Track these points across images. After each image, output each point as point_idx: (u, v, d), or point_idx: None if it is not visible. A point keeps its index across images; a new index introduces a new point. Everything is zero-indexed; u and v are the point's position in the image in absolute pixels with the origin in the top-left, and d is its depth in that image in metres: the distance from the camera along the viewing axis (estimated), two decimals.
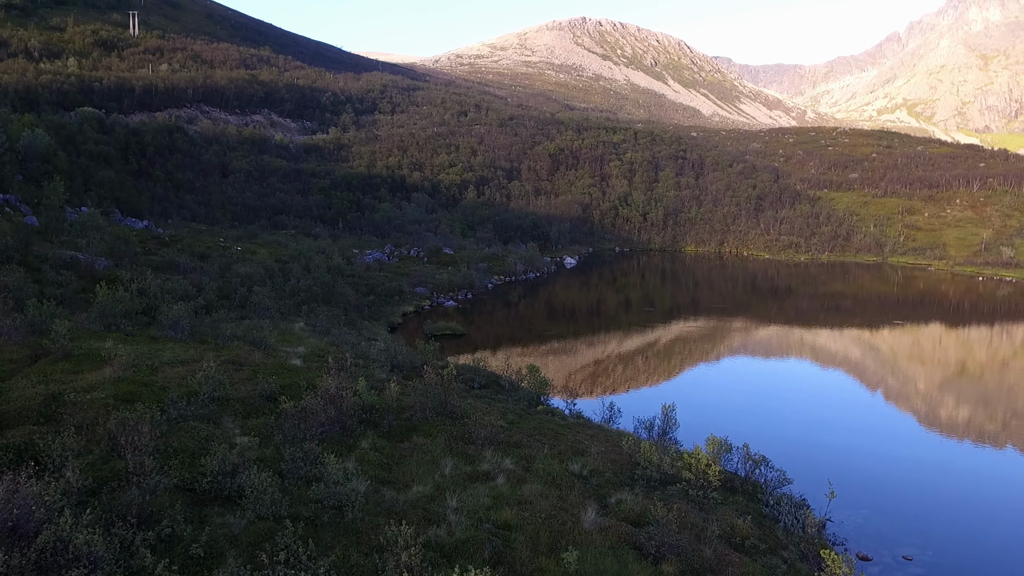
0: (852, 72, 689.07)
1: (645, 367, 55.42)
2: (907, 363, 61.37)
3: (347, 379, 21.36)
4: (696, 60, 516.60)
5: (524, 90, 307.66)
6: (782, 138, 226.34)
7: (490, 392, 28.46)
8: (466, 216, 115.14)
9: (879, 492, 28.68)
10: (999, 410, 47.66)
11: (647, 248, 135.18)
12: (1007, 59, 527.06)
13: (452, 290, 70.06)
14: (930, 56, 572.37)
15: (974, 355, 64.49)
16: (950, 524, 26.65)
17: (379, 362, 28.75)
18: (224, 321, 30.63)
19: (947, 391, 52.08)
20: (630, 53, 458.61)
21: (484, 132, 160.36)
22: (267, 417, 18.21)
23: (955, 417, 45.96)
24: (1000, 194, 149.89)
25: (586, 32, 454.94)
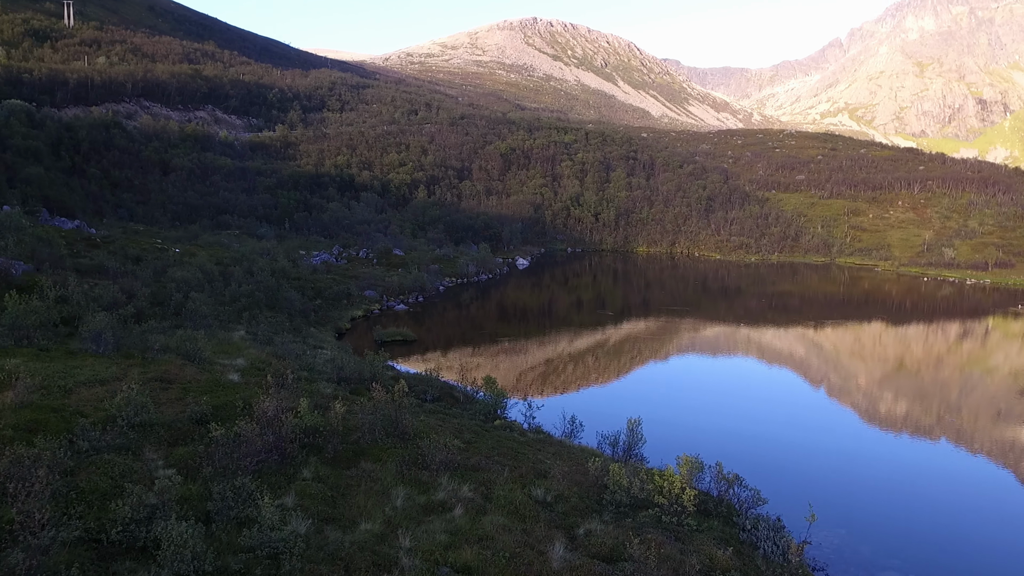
0: (796, 76, 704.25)
1: (595, 366, 55.29)
2: (849, 360, 62.62)
3: (289, 397, 19.44)
4: (646, 62, 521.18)
5: (475, 89, 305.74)
6: (730, 140, 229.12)
7: (444, 406, 26.65)
8: (416, 216, 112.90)
9: (846, 497, 28.72)
10: (934, 404, 49.04)
11: (599, 249, 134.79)
12: (940, 67, 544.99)
13: (402, 293, 67.69)
14: (870, 62, 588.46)
15: (912, 351, 66.03)
16: (923, 533, 26.77)
17: (325, 374, 26.73)
18: (155, 331, 28.12)
19: (886, 386, 53.31)
20: (580, 54, 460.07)
21: (435, 131, 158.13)
22: (196, 445, 16.16)
23: (894, 411, 46.95)
24: (939, 196, 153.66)
25: (537, 32, 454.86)
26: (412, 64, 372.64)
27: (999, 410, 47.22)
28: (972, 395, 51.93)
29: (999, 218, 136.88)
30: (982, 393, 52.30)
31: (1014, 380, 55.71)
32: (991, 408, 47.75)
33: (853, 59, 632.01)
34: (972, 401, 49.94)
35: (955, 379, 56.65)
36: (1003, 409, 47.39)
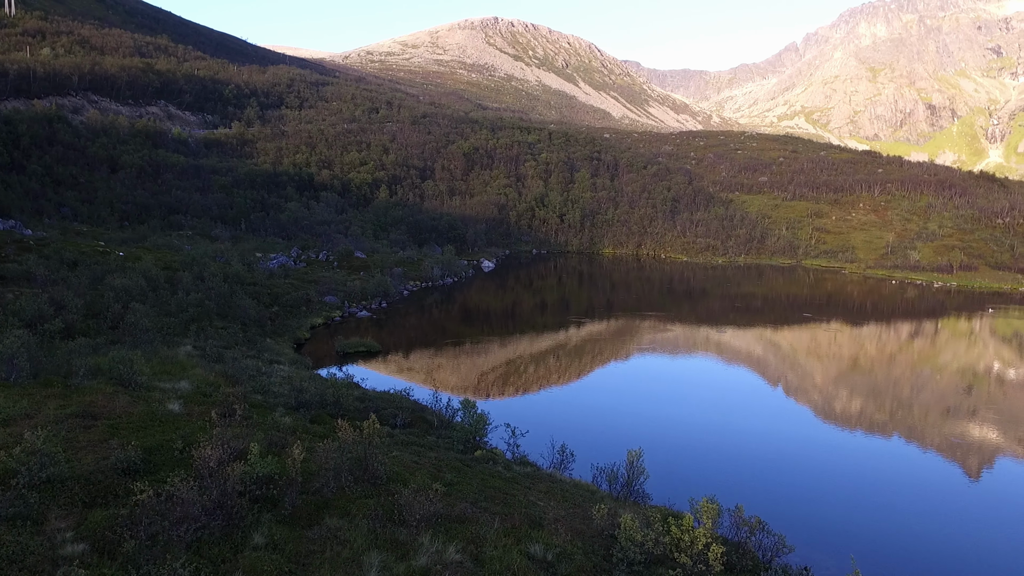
0: (754, 79, 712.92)
1: (556, 366, 54.76)
2: (806, 359, 63.16)
3: (238, 435, 16.36)
4: (606, 63, 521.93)
5: (436, 89, 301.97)
6: (692, 141, 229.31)
7: (417, 433, 23.62)
8: (378, 217, 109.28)
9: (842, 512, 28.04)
10: (887, 401, 49.90)
11: (564, 250, 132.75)
12: (892, 72, 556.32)
13: (365, 298, 64.13)
14: (825, 67, 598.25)
15: (866, 350, 66.91)
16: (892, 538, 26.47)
17: (282, 398, 23.49)
18: (84, 351, 24.59)
19: (841, 384, 53.98)
20: (542, 54, 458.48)
21: (396, 130, 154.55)
22: (119, 507, 13.04)
23: (848, 409, 47.63)
24: (899, 199, 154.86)
25: (498, 32, 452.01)
26: (372, 62, 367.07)
27: (948, 407, 48.31)
28: (923, 392, 52.83)
29: (957, 221, 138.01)
30: (932, 390, 53.39)
31: (961, 377, 57.33)
32: (941, 405, 48.86)
33: (809, 63, 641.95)
34: (923, 398, 50.87)
35: (907, 377, 57.59)
36: (952, 406, 48.50)
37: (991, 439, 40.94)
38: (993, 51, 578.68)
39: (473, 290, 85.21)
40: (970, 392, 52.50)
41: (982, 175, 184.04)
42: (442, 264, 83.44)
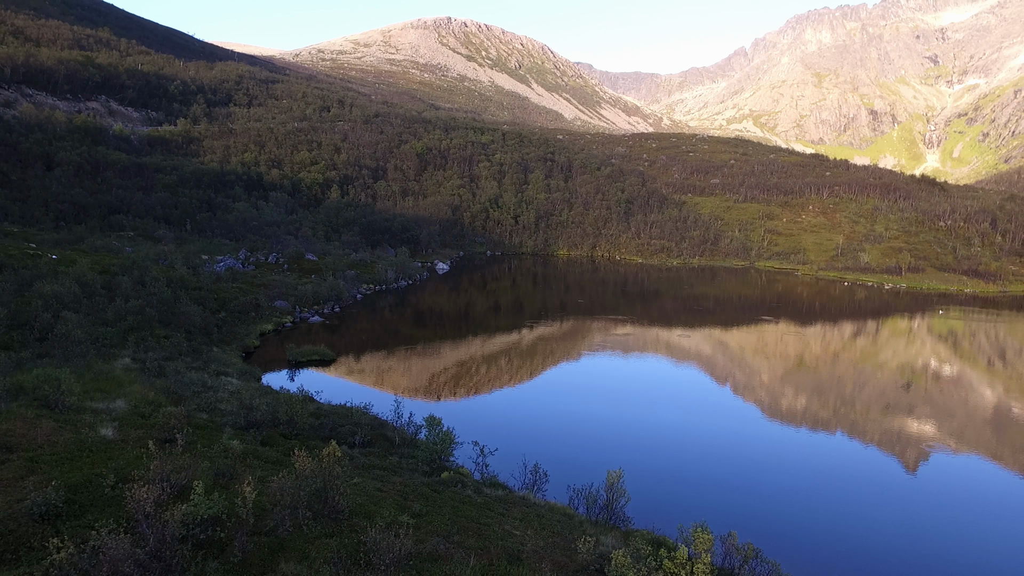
0: (704, 83, 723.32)
1: (508, 367, 54.63)
2: (753, 357, 64.30)
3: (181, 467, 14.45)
4: (559, 65, 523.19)
5: (389, 88, 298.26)
6: (645, 143, 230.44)
7: (378, 453, 21.81)
8: (330, 217, 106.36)
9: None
10: (831, 398, 51.29)
11: (519, 252, 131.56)
12: (837, 78, 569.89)
13: (317, 303, 61.72)
14: (773, 71, 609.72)
15: (811, 349, 68.38)
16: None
17: (230, 417, 21.44)
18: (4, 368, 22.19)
19: (787, 382, 55.19)
20: (495, 55, 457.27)
21: (348, 129, 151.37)
22: (31, 566, 11.03)
23: (794, 406, 48.67)
24: (846, 202, 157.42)
25: (451, 32, 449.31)
26: (324, 61, 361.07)
27: (888, 403, 50.19)
28: (865, 389, 54.57)
29: (903, 223, 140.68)
30: (874, 387, 55.22)
31: (900, 374, 59.36)
32: (881, 401, 50.72)
33: (757, 68, 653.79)
34: (865, 395, 52.64)
35: (850, 374, 59.24)
36: (891, 402, 50.40)
37: (927, 433, 42.57)
38: (931, 60, 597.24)
39: (428, 293, 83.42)
40: (908, 388, 54.33)
41: (923, 179, 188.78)
42: (396, 266, 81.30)
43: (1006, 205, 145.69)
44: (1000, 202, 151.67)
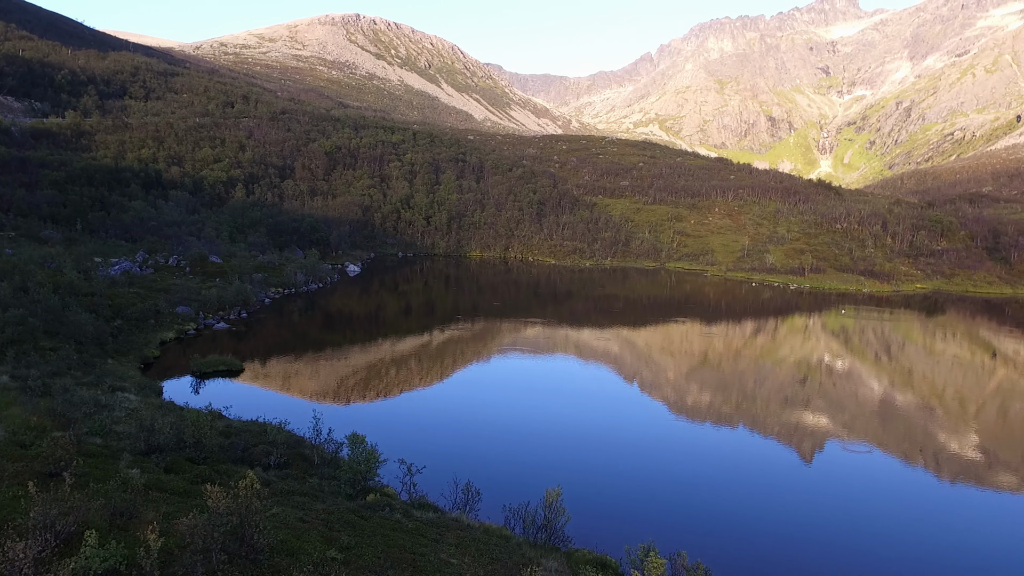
0: (611, 87, 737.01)
1: (418, 368, 54.26)
2: (660, 355, 65.96)
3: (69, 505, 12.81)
4: (469, 65, 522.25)
5: (295, 84, 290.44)
6: (556, 145, 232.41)
7: (297, 475, 20.35)
8: (235, 218, 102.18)
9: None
10: (733, 394, 52.91)
11: (431, 253, 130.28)
12: (738, 85, 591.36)
13: (223, 308, 58.73)
14: (677, 77, 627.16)
15: (715, 347, 70.34)
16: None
17: (128, 440, 19.53)
18: None
19: (692, 379, 56.57)
20: (404, 54, 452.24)
21: (253, 126, 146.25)
22: None
23: (699, 402, 49.94)
24: (750, 204, 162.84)
25: (360, 30, 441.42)
26: (227, 55, 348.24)
27: (786, 397, 52.23)
28: (764, 384, 56.53)
29: (803, 225, 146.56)
30: (773, 382, 57.33)
31: (797, 369, 61.86)
32: (780, 395, 52.75)
33: (662, 73, 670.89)
34: (765, 390, 54.63)
35: (751, 370, 61.36)
36: (789, 396, 52.42)
37: (822, 425, 44.54)
38: (823, 71, 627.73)
39: (338, 296, 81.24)
40: (804, 383, 56.64)
41: (820, 183, 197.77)
42: (305, 269, 78.68)
43: (894, 209, 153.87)
44: (888, 206, 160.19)
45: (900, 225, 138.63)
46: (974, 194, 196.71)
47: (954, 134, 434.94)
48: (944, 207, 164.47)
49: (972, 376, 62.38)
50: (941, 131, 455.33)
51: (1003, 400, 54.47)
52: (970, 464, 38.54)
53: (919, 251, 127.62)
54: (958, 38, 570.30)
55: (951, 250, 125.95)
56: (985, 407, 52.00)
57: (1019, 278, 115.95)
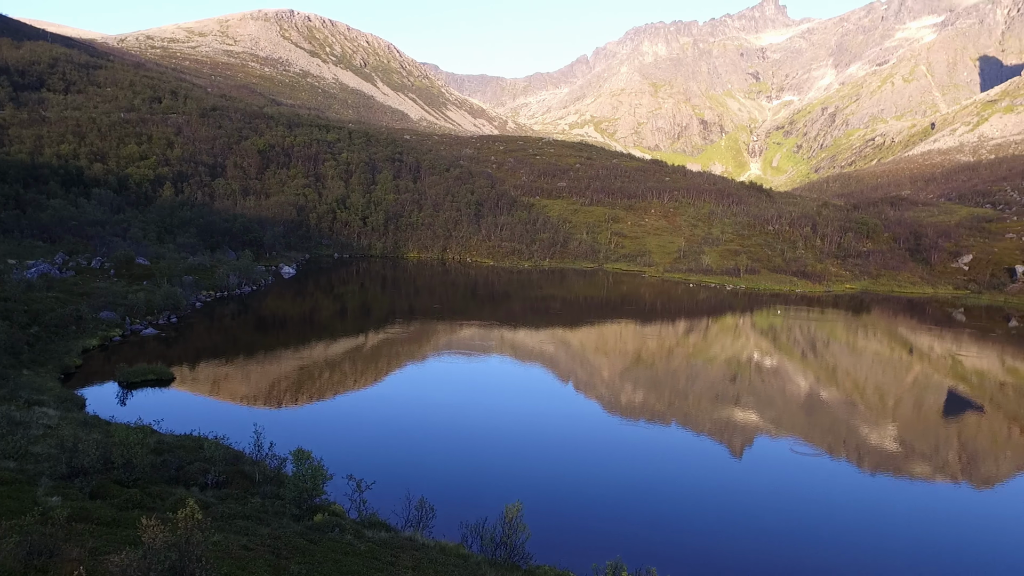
0: (548, 88, 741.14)
1: (352, 370, 53.75)
2: (594, 355, 66.47)
3: None
4: (405, 64, 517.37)
5: (226, 81, 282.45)
6: (493, 145, 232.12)
7: (238, 495, 19.04)
8: (163, 218, 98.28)
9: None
10: (666, 392, 54.07)
11: (368, 254, 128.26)
12: (671, 88, 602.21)
13: (151, 313, 56.03)
14: (612, 80, 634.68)
15: (648, 346, 71.66)
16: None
17: (47, 462, 17.91)
18: None
19: (626, 378, 57.20)
20: (339, 52, 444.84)
21: (182, 122, 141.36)
22: None
23: (633, 401, 50.60)
24: (685, 206, 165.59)
25: (294, 26, 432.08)
26: (153, 48, 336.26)
27: (716, 394, 53.32)
28: (696, 382, 57.77)
29: (736, 227, 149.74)
30: (704, 380, 58.59)
31: (727, 367, 63.24)
32: (711, 392, 53.81)
33: (598, 76, 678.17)
34: (696, 387, 55.90)
35: (683, 368, 62.64)
36: (719, 393, 53.54)
37: (751, 421, 45.63)
38: (753, 76, 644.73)
39: (273, 298, 78.99)
40: (734, 380, 57.99)
41: (751, 185, 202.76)
42: (239, 271, 76.09)
43: (822, 211, 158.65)
44: (817, 208, 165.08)
45: (828, 227, 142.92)
46: (895, 197, 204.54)
47: (875, 140, 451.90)
48: (868, 210, 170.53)
49: (891, 371, 65.44)
50: (863, 136, 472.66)
51: (919, 393, 57.14)
52: (889, 455, 40.18)
53: (847, 252, 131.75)
54: (878, 48, 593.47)
55: (876, 251, 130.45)
56: (902, 400, 54.54)
57: (939, 278, 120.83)
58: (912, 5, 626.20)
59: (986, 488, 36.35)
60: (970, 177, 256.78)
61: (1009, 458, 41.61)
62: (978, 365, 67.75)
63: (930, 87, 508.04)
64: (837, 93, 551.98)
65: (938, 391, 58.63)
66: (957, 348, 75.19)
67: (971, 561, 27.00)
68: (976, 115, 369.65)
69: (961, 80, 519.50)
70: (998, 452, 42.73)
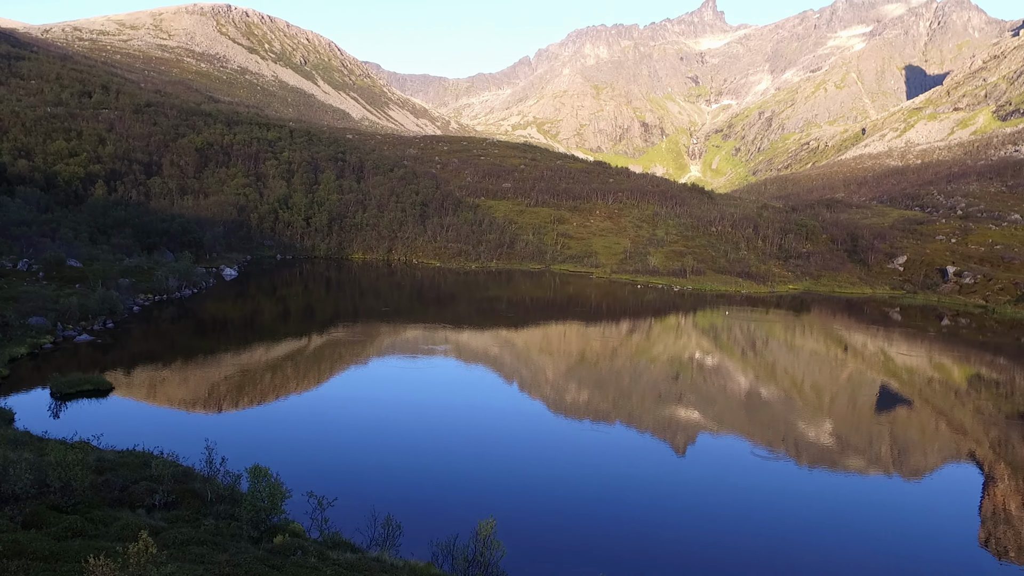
0: (490, 89, 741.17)
1: (295, 373, 52.41)
2: (538, 355, 66.72)
3: None
4: (347, 63, 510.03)
5: (160, 76, 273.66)
6: (436, 146, 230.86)
7: (189, 516, 17.68)
8: (96, 218, 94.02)
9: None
10: (610, 392, 54.20)
11: (312, 255, 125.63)
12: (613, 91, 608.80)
13: (85, 318, 53.14)
14: (555, 82, 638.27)
15: (592, 346, 72.21)
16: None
17: None
18: None
19: (570, 378, 57.51)
20: (279, 49, 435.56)
21: (115, 118, 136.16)
22: None
23: (577, 400, 50.82)
24: (630, 207, 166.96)
25: (231, 21, 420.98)
26: (81, 40, 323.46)
27: (660, 393, 53.94)
28: (640, 381, 58.25)
29: (680, 228, 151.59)
30: (647, 379, 59.20)
31: (670, 366, 64.25)
32: (654, 392, 54.41)
33: (540, 77, 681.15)
34: (640, 387, 56.35)
35: (627, 368, 63.14)
36: (663, 392, 54.22)
37: (693, 419, 46.41)
38: (693, 80, 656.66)
39: (215, 301, 76.29)
40: (677, 379, 58.91)
41: (694, 187, 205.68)
42: (178, 273, 73.18)
43: (763, 213, 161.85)
44: (757, 210, 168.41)
45: (770, 229, 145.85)
46: (830, 200, 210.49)
47: (809, 144, 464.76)
48: (806, 211, 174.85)
49: (827, 369, 67.55)
50: (798, 140, 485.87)
51: (853, 389, 58.95)
52: (825, 450, 41.39)
53: (788, 253, 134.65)
54: (812, 55, 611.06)
55: (816, 252, 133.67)
56: (838, 397, 56.15)
57: (876, 279, 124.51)
58: (843, 15, 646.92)
59: (915, 479, 37.53)
60: (899, 181, 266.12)
61: (936, 450, 43.22)
62: (909, 362, 70.13)
63: (860, 94, 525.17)
64: (773, 98, 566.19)
65: (871, 387, 60.45)
66: (889, 346, 77.49)
67: (903, 550, 27.81)
68: (903, 122, 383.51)
69: (889, 88, 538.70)
70: (926, 444, 44.29)
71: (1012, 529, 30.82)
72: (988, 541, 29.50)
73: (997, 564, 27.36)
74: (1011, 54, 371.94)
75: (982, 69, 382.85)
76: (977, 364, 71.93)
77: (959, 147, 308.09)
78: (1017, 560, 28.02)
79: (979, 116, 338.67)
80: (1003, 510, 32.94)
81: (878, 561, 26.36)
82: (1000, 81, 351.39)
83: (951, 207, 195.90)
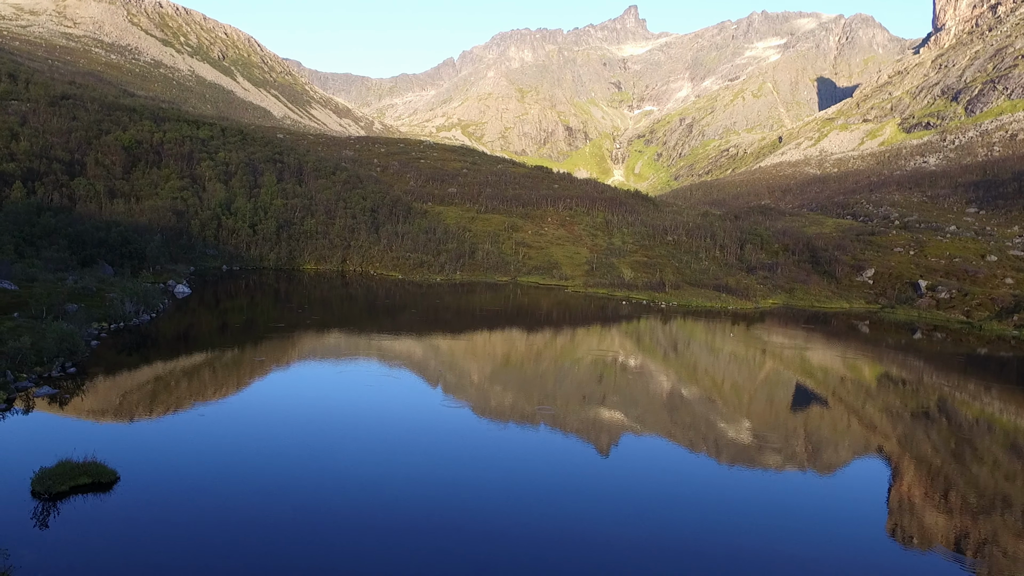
0: (414, 90, 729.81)
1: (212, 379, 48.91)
2: (464, 359, 66.41)
3: None
4: (267, 59, 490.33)
5: (67, 67, 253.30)
6: (373, 147, 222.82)
7: None
8: (20, 226, 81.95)
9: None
10: (534, 393, 54.17)
11: (260, 266, 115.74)
12: (537, 95, 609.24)
13: (41, 363, 41.27)
14: (480, 84, 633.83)
15: (517, 349, 72.40)
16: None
17: None
18: None
19: (496, 381, 57.16)
20: (195, 42, 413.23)
21: (28, 111, 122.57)
22: None
23: (503, 402, 50.17)
24: (580, 214, 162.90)
25: (143, 12, 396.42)
26: None
27: (584, 395, 53.98)
28: (564, 383, 58.52)
29: (636, 237, 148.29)
30: (572, 381, 59.47)
31: (594, 367, 64.60)
32: (578, 393, 54.39)
33: (465, 79, 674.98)
34: (564, 389, 56.53)
35: (551, 370, 63.54)
36: (587, 394, 54.29)
37: (617, 420, 46.36)
38: (615, 86, 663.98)
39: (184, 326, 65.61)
40: (601, 381, 59.10)
41: (637, 194, 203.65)
42: (134, 295, 63.09)
43: (706, 220, 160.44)
44: (699, 217, 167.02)
45: (727, 238, 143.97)
46: (763, 206, 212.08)
47: (729, 150, 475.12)
48: (748, 218, 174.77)
49: (746, 369, 68.65)
50: (718, 147, 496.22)
51: (770, 390, 60.74)
52: (744, 448, 42.28)
53: (749, 264, 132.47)
54: (730, 64, 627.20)
55: (780, 264, 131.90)
56: (756, 396, 57.65)
57: (848, 292, 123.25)
58: (759, 27, 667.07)
59: (827, 474, 38.71)
60: (822, 189, 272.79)
61: (847, 446, 44.80)
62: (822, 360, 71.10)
63: (776, 103, 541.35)
64: (694, 105, 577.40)
65: (787, 387, 62.62)
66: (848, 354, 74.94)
67: (817, 540, 28.83)
68: (817, 131, 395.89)
69: (803, 98, 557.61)
70: (838, 441, 45.84)
71: (916, 518, 32.39)
72: (895, 531, 30.82)
73: (903, 551, 28.70)
74: (913, 71, 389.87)
75: (888, 83, 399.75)
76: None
77: (871, 157, 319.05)
78: (920, 546, 29.37)
79: (886, 128, 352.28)
80: (908, 501, 34.44)
81: (793, 552, 27.32)
82: (904, 96, 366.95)
83: (884, 216, 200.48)
